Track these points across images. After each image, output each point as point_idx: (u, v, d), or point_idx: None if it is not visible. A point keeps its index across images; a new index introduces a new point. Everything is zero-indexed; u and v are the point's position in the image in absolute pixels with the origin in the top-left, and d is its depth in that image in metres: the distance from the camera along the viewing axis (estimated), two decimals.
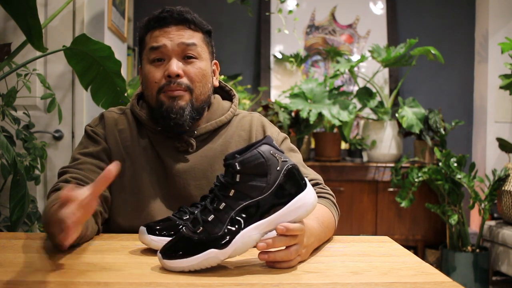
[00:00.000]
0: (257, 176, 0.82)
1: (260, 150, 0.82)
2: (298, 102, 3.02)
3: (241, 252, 0.82)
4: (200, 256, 0.80)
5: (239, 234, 0.81)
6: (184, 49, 1.14)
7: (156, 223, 0.97)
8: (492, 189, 2.87)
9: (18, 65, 1.84)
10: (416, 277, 0.82)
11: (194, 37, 1.16)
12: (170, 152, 1.19)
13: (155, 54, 1.15)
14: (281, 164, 0.83)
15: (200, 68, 1.16)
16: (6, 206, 1.90)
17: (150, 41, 1.16)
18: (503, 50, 2.68)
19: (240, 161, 0.81)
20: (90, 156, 1.17)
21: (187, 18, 1.16)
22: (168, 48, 1.14)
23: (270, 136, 0.86)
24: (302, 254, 0.88)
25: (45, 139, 2.29)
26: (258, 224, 0.82)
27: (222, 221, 0.81)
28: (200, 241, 0.81)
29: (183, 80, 1.14)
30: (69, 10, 2.32)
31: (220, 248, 0.80)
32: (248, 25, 3.62)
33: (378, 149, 3.18)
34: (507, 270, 2.86)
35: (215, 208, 0.82)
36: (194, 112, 1.16)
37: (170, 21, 1.15)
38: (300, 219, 0.84)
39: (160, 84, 1.14)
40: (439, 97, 3.64)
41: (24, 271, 0.81)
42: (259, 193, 0.81)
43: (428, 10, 3.68)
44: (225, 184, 0.82)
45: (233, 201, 0.81)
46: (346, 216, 3.06)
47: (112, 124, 1.21)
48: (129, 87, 2.87)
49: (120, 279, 0.77)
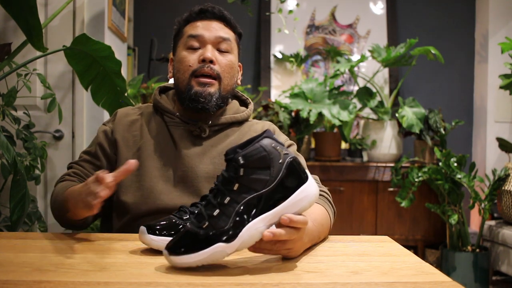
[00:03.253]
0: (261, 170, 0.83)
1: (262, 144, 0.84)
2: (298, 102, 3.02)
3: (248, 245, 0.82)
4: (208, 251, 0.80)
5: (245, 227, 0.81)
6: (220, 41, 1.24)
7: (156, 223, 0.97)
8: (492, 189, 2.87)
9: (18, 65, 1.84)
10: (416, 277, 0.82)
11: (229, 34, 1.27)
12: (183, 134, 1.26)
13: (193, 41, 1.24)
14: (283, 157, 0.84)
15: (230, 61, 1.25)
16: (6, 206, 1.90)
17: (190, 30, 1.25)
18: (503, 50, 2.68)
19: (243, 155, 0.82)
20: (89, 155, 1.29)
21: (226, 16, 1.28)
22: (205, 37, 1.23)
23: (269, 130, 0.88)
24: (295, 248, 0.89)
25: (45, 139, 2.30)
26: (263, 216, 0.82)
27: (228, 215, 0.81)
28: (206, 236, 0.81)
29: (215, 67, 1.22)
30: (69, 10, 2.32)
31: (227, 242, 0.80)
32: (248, 25, 3.62)
33: (378, 149, 3.18)
34: (507, 270, 2.86)
35: (219, 202, 0.82)
36: (220, 99, 1.23)
37: (211, 15, 1.26)
38: (303, 210, 0.85)
39: (194, 68, 1.22)
40: (439, 97, 3.64)
41: (24, 271, 0.81)
42: (263, 186, 0.82)
43: (428, 10, 3.68)
44: (228, 179, 0.83)
45: (237, 195, 0.82)
46: (346, 216, 3.06)
47: (122, 117, 1.31)
48: (129, 87, 2.87)
49: (120, 279, 0.77)
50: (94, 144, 1.30)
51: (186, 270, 0.83)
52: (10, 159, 1.58)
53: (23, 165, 1.87)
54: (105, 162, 1.27)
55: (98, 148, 1.28)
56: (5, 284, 0.74)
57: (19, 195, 1.63)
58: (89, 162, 1.28)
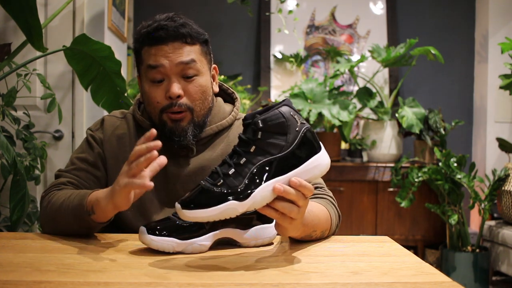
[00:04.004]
0: (277, 135, 0.86)
1: (281, 111, 0.86)
2: (298, 102, 3.02)
3: (258, 206, 0.84)
4: (220, 207, 0.82)
5: (258, 188, 0.83)
6: (183, 68, 1.13)
7: (156, 223, 0.97)
8: (492, 189, 2.87)
9: (18, 65, 1.84)
10: (416, 277, 0.82)
11: (192, 53, 1.14)
12: (170, 157, 1.19)
13: (154, 74, 1.14)
14: (299, 126, 0.87)
15: (200, 85, 1.15)
16: (6, 206, 1.90)
17: (147, 59, 1.15)
18: (503, 50, 2.68)
19: (262, 119, 0.85)
20: (85, 163, 1.21)
21: (183, 33, 1.13)
22: (166, 68, 1.12)
23: (288, 99, 0.90)
24: (296, 222, 0.89)
25: (45, 139, 2.29)
26: (276, 179, 0.84)
27: (242, 175, 0.84)
28: (220, 193, 0.83)
29: (183, 101, 1.14)
30: (69, 10, 2.32)
31: (240, 200, 0.82)
32: (248, 25, 3.62)
33: (378, 149, 3.18)
34: (507, 270, 2.86)
35: (235, 162, 0.85)
36: (196, 129, 1.17)
37: (166, 39, 1.12)
38: (314, 178, 0.89)
39: (162, 105, 1.14)
40: (439, 97, 3.64)
41: (24, 271, 0.81)
42: (278, 150, 0.85)
43: (428, 10, 3.68)
44: (246, 141, 0.86)
45: (253, 156, 0.85)
46: (346, 216, 3.06)
47: (111, 130, 1.24)
48: (129, 87, 2.87)
49: (120, 279, 0.77)
50: (89, 151, 1.22)
51: (186, 270, 0.83)
52: (10, 159, 1.58)
53: (23, 165, 1.87)
54: (104, 173, 1.21)
55: (98, 157, 1.21)
56: (5, 284, 0.74)
57: (19, 195, 1.64)
58: (87, 171, 1.20)
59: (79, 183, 1.17)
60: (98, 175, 1.20)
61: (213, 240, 0.97)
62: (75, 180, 1.17)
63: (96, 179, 1.20)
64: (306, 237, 1.03)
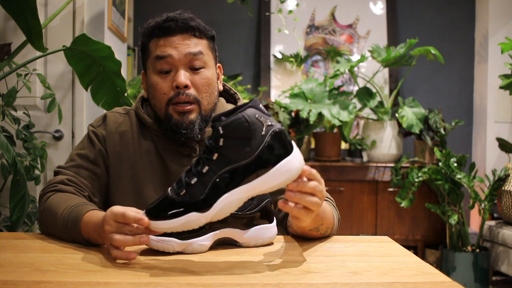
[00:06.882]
0: (241, 141, 0.80)
1: (245, 114, 0.81)
2: (298, 102, 3.02)
3: (222, 216, 0.82)
4: (182, 219, 0.81)
5: (220, 198, 0.81)
6: (191, 59, 1.14)
7: None
8: (492, 189, 2.87)
9: (18, 65, 1.84)
10: (416, 277, 0.82)
11: (199, 45, 1.15)
12: (173, 156, 1.19)
13: (162, 64, 1.14)
14: (266, 129, 0.81)
15: (207, 77, 1.16)
16: (6, 206, 1.90)
17: (155, 50, 1.15)
18: (503, 50, 2.68)
19: (223, 125, 0.80)
20: (86, 160, 1.19)
21: (192, 26, 1.14)
22: (174, 58, 1.13)
23: (256, 99, 0.85)
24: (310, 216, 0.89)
25: (45, 139, 2.29)
26: (240, 189, 0.81)
27: (205, 185, 0.81)
28: (182, 203, 0.81)
29: (191, 91, 1.14)
30: (69, 10, 2.32)
31: (201, 211, 0.81)
32: (248, 25, 3.62)
33: (378, 149, 3.18)
34: (507, 270, 2.86)
35: (198, 171, 0.82)
36: (203, 123, 1.16)
37: (175, 30, 1.13)
38: (284, 184, 0.83)
39: (169, 96, 1.14)
40: (439, 97, 3.64)
41: (24, 271, 0.81)
42: (242, 158, 0.80)
43: (428, 10, 3.68)
44: (209, 148, 0.82)
45: (216, 165, 0.81)
46: (346, 216, 3.06)
47: (113, 126, 1.22)
48: (129, 87, 2.87)
49: (120, 279, 0.77)
50: (90, 147, 1.20)
51: (186, 270, 0.83)
52: (10, 159, 1.58)
53: (23, 165, 1.87)
54: (105, 170, 1.20)
55: (99, 154, 1.20)
56: (5, 284, 0.74)
57: (19, 195, 1.63)
58: (86, 168, 1.18)
59: (78, 181, 1.16)
60: (98, 172, 1.19)
61: (213, 240, 0.97)
62: (74, 177, 1.16)
63: (95, 177, 1.19)
64: (314, 230, 1.03)
